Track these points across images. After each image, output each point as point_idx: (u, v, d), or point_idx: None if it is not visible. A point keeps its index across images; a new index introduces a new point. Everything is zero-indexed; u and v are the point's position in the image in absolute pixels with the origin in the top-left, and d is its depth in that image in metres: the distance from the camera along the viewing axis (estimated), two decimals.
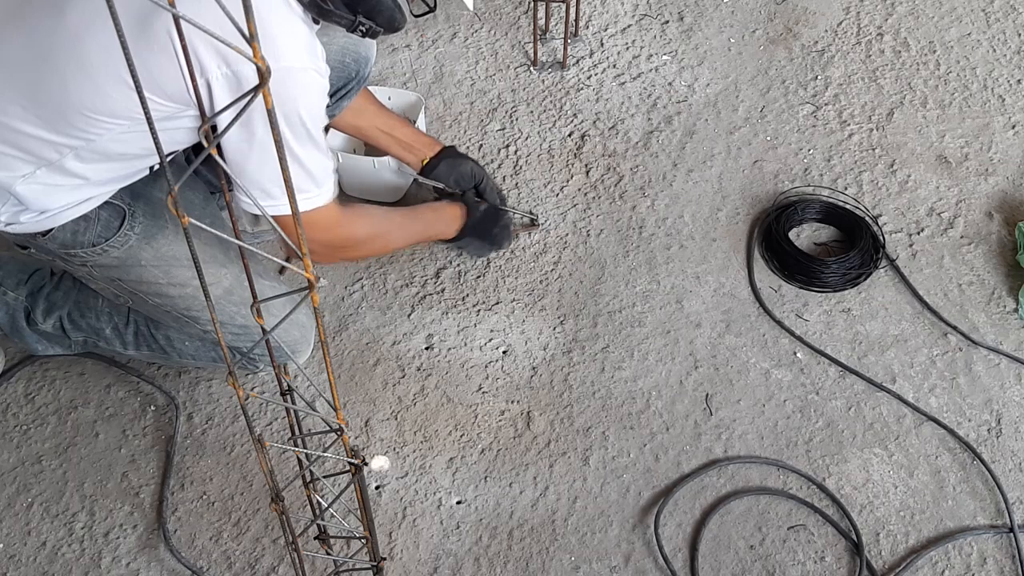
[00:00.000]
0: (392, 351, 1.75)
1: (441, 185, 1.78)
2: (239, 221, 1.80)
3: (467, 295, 1.82)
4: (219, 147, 1.74)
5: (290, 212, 1.38)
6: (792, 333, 1.75)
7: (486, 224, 1.76)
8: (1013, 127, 2.10)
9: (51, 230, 1.33)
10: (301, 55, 1.19)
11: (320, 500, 1.09)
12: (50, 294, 1.62)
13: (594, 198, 1.98)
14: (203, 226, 0.61)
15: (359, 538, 1.15)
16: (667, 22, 2.33)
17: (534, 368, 1.72)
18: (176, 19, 0.53)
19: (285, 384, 0.96)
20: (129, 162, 1.31)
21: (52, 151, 1.23)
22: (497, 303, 1.81)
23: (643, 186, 1.99)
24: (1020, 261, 1.81)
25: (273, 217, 1.39)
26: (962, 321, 1.76)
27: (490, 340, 1.76)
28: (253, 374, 1.69)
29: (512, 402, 1.68)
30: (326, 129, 1.40)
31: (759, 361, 1.72)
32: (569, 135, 2.09)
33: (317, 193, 1.34)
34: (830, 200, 1.94)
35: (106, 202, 1.35)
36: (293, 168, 1.33)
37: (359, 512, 1.08)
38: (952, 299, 1.80)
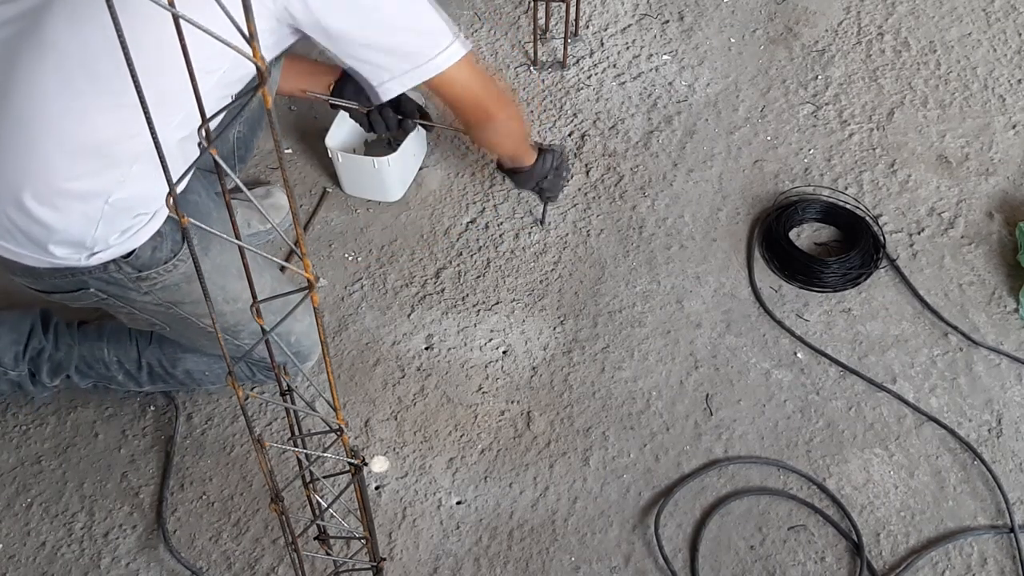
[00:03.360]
0: (392, 351, 1.74)
1: (354, 105, 1.70)
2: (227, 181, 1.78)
3: (467, 295, 1.82)
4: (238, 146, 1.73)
5: (438, 71, 1.44)
6: (792, 333, 1.75)
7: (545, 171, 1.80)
8: (1014, 127, 2.10)
9: (133, 251, 1.27)
10: None
11: (320, 500, 1.08)
12: (52, 355, 1.56)
13: (594, 198, 1.97)
14: (204, 227, 0.61)
15: (359, 538, 1.15)
16: (667, 22, 2.33)
17: (534, 368, 1.72)
18: (176, 19, 0.52)
19: (285, 384, 0.96)
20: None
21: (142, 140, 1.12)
22: (497, 303, 1.81)
23: (643, 186, 1.99)
24: (1021, 261, 1.81)
25: (424, 83, 1.43)
26: (963, 321, 1.76)
27: (490, 340, 1.76)
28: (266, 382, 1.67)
29: (512, 402, 1.67)
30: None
31: (759, 361, 1.72)
32: (569, 135, 2.09)
33: (455, 39, 1.40)
34: (830, 200, 1.94)
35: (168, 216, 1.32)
36: (425, 22, 1.38)
37: (359, 512, 1.08)
38: (953, 299, 1.80)
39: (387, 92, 1.42)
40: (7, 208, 1.19)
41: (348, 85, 1.68)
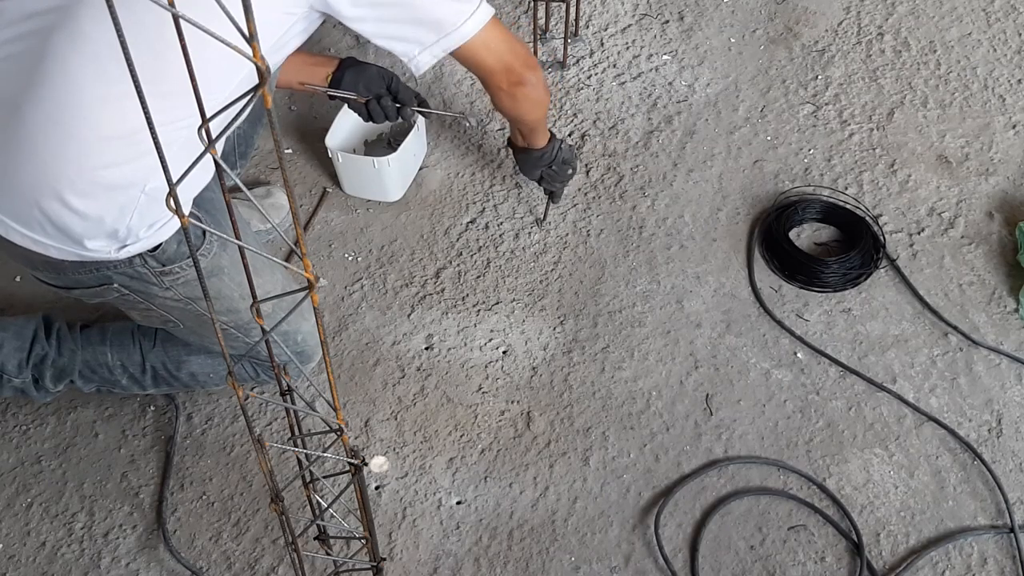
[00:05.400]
0: (392, 351, 1.74)
1: (353, 95, 1.69)
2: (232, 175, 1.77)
3: (467, 295, 1.82)
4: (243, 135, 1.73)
5: (467, 37, 1.44)
6: (792, 333, 1.75)
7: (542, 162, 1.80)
8: (1014, 127, 2.10)
9: (159, 245, 1.27)
10: None
11: (320, 500, 1.08)
12: (55, 361, 1.55)
13: (594, 198, 1.97)
14: (203, 226, 0.61)
15: (359, 538, 1.15)
16: (667, 22, 2.33)
17: (534, 368, 1.72)
18: (176, 19, 0.53)
19: (285, 384, 0.96)
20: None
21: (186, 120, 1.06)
22: (497, 303, 1.81)
23: (643, 186, 1.99)
24: (1021, 261, 1.81)
25: (453, 51, 1.44)
26: (963, 321, 1.76)
27: (490, 340, 1.76)
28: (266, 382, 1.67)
29: (512, 402, 1.67)
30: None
31: (759, 361, 1.72)
32: (569, 135, 2.09)
33: (480, 2, 1.39)
34: (830, 200, 1.94)
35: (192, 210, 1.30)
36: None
37: (359, 512, 1.08)
38: (952, 299, 1.80)
39: (420, 66, 1.41)
40: (42, 199, 1.18)
41: (346, 76, 1.67)
